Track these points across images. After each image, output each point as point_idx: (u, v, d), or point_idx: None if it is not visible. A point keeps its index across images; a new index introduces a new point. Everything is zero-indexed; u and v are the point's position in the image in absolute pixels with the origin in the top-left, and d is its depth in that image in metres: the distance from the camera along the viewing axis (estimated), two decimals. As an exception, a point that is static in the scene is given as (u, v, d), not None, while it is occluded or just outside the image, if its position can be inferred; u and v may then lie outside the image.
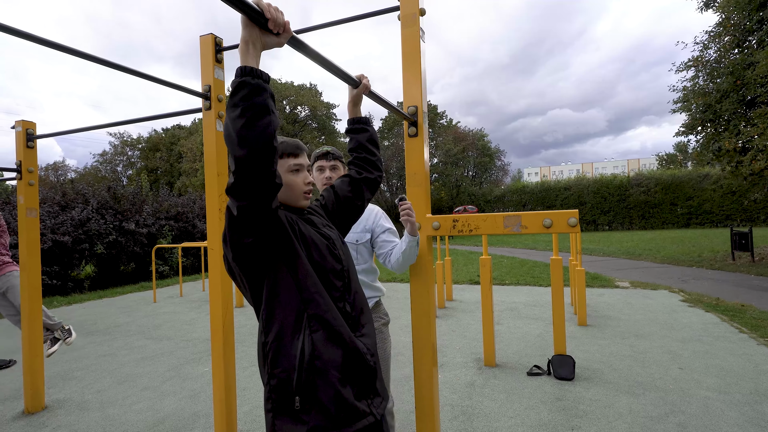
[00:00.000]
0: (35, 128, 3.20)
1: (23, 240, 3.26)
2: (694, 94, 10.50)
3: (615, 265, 11.42)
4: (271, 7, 0.99)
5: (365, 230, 2.11)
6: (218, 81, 2.57)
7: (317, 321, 1.15)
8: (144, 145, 39.86)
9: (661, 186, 27.62)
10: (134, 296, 9.12)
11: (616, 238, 20.19)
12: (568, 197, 30.53)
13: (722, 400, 3.03)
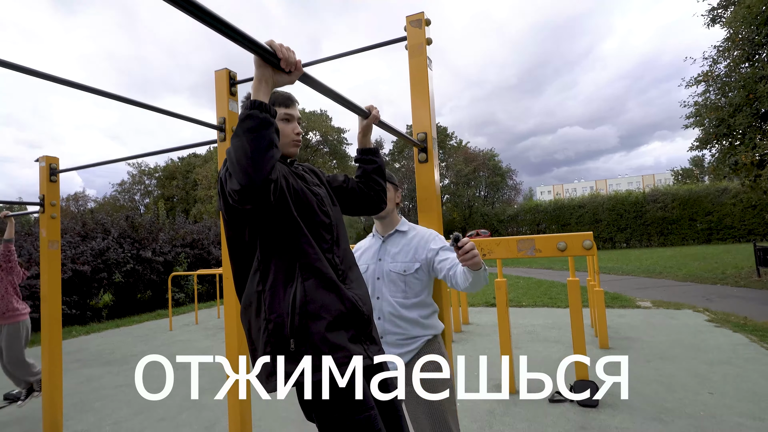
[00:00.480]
0: (58, 163, 3.32)
1: (45, 272, 3.34)
2: (707, 109, 10.43)
3: (635, 284, 11.14)
4: (283, 48, 1.04)
5: (414, 260, 1.83)
6: (232, 113, 2.64)
7: (308, 270, 1.22)
8: (161, 174, 40.87)
9: (679, 201, 27.11)
10: (151, 324, 9.17)
11: (634, 256, 19.76)
12: (582, 215, 30.14)
13: (758, 427, 2.88)
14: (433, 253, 1.82)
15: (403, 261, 1.84)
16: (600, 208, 29.55)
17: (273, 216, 1.21)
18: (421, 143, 2.11)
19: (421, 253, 1.84)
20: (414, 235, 1.91)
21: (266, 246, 1.22)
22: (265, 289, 1.20)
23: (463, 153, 38.50)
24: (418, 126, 2.15)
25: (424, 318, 1.83)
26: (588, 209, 30.02)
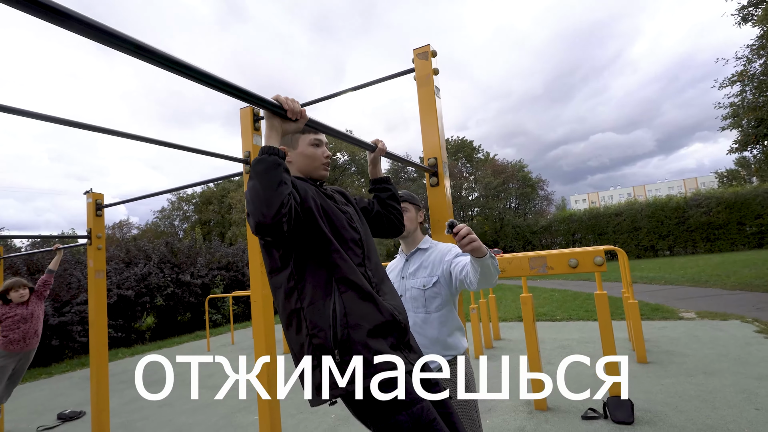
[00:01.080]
0: (103, 199, 3.62)
1: (92, 299, 3.61)
2: (744, 109, 10.01)
3: (679, 293, 10.63)
4: (288, 100, 1.18)
5: (432, 275, 1.88)
6: (256, 147, 2.82)
7: (345, 282, 1.27)
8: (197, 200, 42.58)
9: (724, 205, 25.69)
10: (190, 345, 9.52)
11: (678, 264, 18.82)
12: (620, 223, 29.04)
13: (808, 445, 2.72)
14: (448, 263, 1.84)
15: (423, 276, 1.89)
16: (638, 215, 28.41)
17: (305, 235, 1.28)
18: (432, 168, 2.20)
19: (438, 267, 1.87)
20: (433, 251, 1.95)
21: (300, 265, 1.28)
22: (303, 307, 1.26)
23: (491, 165, 38.15)
24: (428, 152, 2.25)
25: (445, 336, 1.84)
26: (626, 217, 28.93)
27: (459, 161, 41.70)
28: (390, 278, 2.01)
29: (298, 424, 3.89)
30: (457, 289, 1.86)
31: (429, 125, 2.23)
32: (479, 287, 1.67)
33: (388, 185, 1.81)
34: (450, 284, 1.85)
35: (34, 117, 1.76)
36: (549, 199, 40.20)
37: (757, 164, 10.55)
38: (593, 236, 30.20)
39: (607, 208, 31.06)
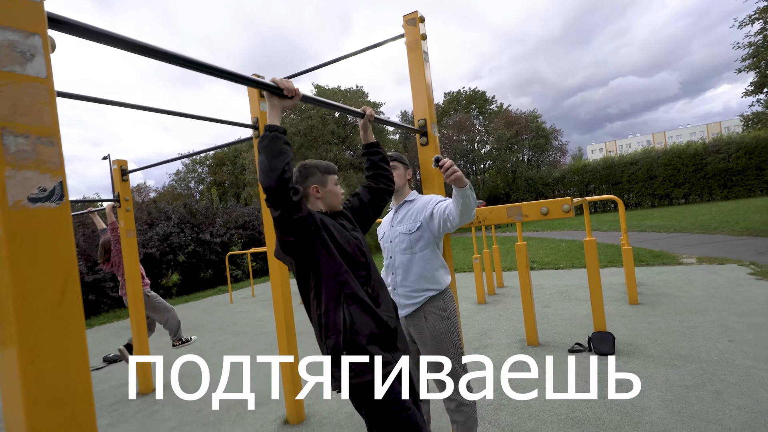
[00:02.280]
0: (127, 165, 3.93)
1: (126, 256, 4.02)
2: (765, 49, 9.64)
3: (685, 240, 10.77)
4: (284, 81, 1.41)
5: (416, 221, 2.15)
6: (263, 112, 3.05)
7: (351, 298, 1.59)
8: (211, 162, 43.02)
9: (744, 150, 25.02)
10: (214, 299, 10.20)
11: (691, 212, 18.74)
12: (635, 172, 28.62)
13: (767, 369, 3.03)
14: (430, 210, 2.12)
15: (408, 222, 2.18)
16: (654, 164, 27.89)
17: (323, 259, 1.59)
18: (422, 128, 2.41)
19: (420, 213, 2.16)
20: (417, 202, 2.24)
21: (318, 278, 1.60)
22: (321, 314, 1.59)
23: (504, 117, 37.31)
24: (418, 113, 2.45)
25: (429, 272, 2.11)
26: (641, 165, 28.43)
27: (471, 113, 40.83)
28: (382, 228, 2.37)
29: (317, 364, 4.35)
30: (439, 230, 2.10)
31: (418, 89, 2.42)
32: (461, 222, 1.93)
33: (378, 149, 2.06)
34: (431, 226, 2.12)
35: (68, 96, 2.02)
36: (563, 150, 39.44)
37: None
38: (607, 186, 29.92)
39: (622, 157, 30.46)
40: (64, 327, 0.73)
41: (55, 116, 0.77)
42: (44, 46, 0.76)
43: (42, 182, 0.73)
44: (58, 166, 0.76)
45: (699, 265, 7.10)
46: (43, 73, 0.75)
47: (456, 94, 42.49)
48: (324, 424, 3.02)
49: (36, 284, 0.71)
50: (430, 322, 2.09)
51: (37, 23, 0.75)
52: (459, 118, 37.07)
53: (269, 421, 3.17)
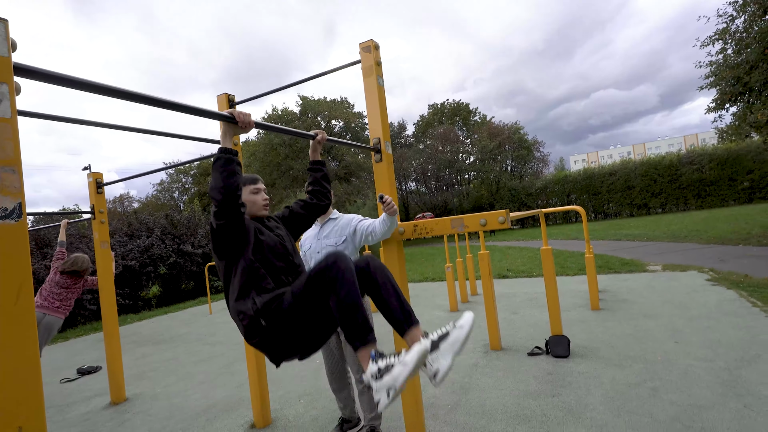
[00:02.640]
0: (102, 178, 4.04)
1: (99, 267, 4.11)
2: (724, 68, 10.18)
3: (656, 249, 11.16)
4: (241, 114, 1.60)
5: (341, 236, 2.62)
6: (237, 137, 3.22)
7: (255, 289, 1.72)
8: (195, 172, 42.76)
9: (716, 161, 25.99)
10: (193, 310, 10.20)
11: (665, 221, 19.35)
12: (614, 182, 29.43)
13: (704, 367, 3.27)
14: (353, 227, 2.60)
15: (334, 237, 2.64)
16: (632, 174, 28.74)
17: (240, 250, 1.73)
18: (376, 146, 2.61)
19: (345, 229, 2.62)
20: (341, 220, 2.68)
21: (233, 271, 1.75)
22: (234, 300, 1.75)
23: (487, 129, 38.02)
24: (373, 133, 2.65)
25: None
26: (619, 176, 29.26)
27: (455, 125, 41.48)
28: (308, 240, 2.74)
29: (286, 370, 4.47)
30: (360, 243, 2.56)
31: (373, 110, 2.62)
32: (381, 237, 2.45)
33: (323, 167, 2.27)
34: (354, 240, 2.60)
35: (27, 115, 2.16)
36: (545, 161, 40.32)
37: (737, 121, 10.81)
38: (587, 196, 30.66)
39: (602, 167, 31.30)
40: (18, 324, 0.89)
41: (17, 149, 0.93)
42: (10, 92, 0.93)
43: (4, 203, 0.89)
44: (18, 190, 0.92)
45: (663, 272, 7.42)
46: (8, 114, 0.92)
47: (440, 106, 43.17)
48: (289, 427, 3.14)
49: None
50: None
51: (5, 74, 0.92)
52: (443, 130, 37.64)
53: (237, 425, 3.28)
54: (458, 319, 1.60)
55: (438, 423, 2.89)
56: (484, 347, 4.40)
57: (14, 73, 0.95)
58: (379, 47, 2.65)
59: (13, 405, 0.86)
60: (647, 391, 2.99)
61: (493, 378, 3.56)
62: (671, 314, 4.77)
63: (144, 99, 1.26)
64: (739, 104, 9.84)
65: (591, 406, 2.87)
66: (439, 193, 37.80)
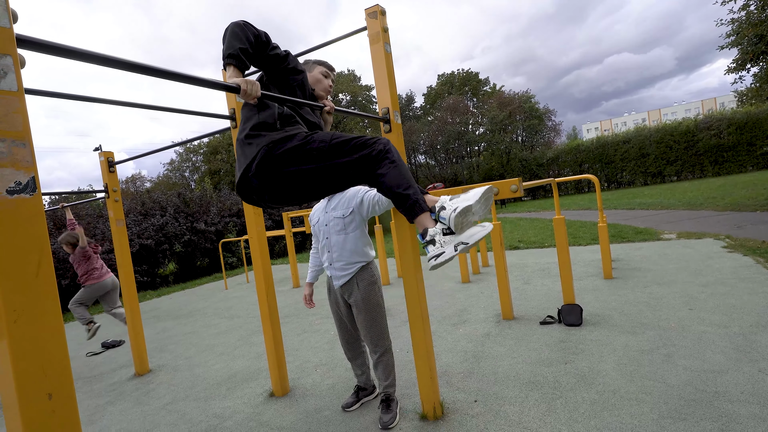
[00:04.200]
0: (113, 156, 4.06)
1: (116, 245, 4.19)
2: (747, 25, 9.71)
3: (671, 217, 10.99)
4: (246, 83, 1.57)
5: (348, 207, 2.62)
6: (239, 104, 3.19)
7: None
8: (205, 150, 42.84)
9: (735, 126, 25.16)
10: (209, 285, 10.43)
11: (681, 189, 18.97)
12: (628, 150, 28.76)
13: (718, 333, 3.26)
14: (360, 198, 2.61)
15: (341, 209, 2.65)
16: (646, 142, 28.03)
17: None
18: (384, 116, 2.56)
19: (352, 200, 2.63)
20: (347, 192, 2.69)
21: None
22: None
23: (497, 98, 37.18)
24: (382, 102, 2.60)
25: (359, 248, 2.61)
26: (633, 144, 28.57)
27: (465, 96, 40.63)
28: (316, 214, 2.79)
29: (303, 341, 4.58)
30: (368, 213, 2.58)
31: (381, 79, 2.56)
32: (388, 206, 2.49)
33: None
34: (361, 211, 2.61)
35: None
36: (557, 130, 39.46)
37: (758, 82, 10.39)
38: (600, 166, 30.09)
39: (615, 135, 30.54)
40: (41, 294, 0.90)
41: (26, 122, 0.93)
42: (15, 64, 0.91)
43: (18, 177, 0.90)
44: (30, 164, 0.92)
45: (677, 240, 7.32)
46: (15, 87, 0.91)
47: (449, 75, 42.23)
48: (307, 395, 3.24)
49: (16, 260, 0.88)
50: (360, 288, 2.58)
51: (8, 45, 0.90)
52: (452, 101, 36.92)
53: (256, 394, 3.39)
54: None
55: (451, 390, 2.95)
56: (497, 317, 4.43)
57: (17, 45, 0.94)
58: (386, 13, 2.56)
59: (41, 373, 0.89)
60: (660, 357, 3.00)
61: (506, 347, 3.60)
62: (685, 281, 4.73)
63: (149, 70, 1.23)
64: (761, 64, 9.42)
65: (603, 372, 2.90)
66: (449, 165, 37.44)
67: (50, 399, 0.90)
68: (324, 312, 5.68)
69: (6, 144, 0.88)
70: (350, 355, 2.88)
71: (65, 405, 0.92)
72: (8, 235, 0.87)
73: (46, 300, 0.91)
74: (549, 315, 4.16)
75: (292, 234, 9.19)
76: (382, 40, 2.53)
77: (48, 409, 0.89)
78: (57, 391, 0.91)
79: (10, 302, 0.86)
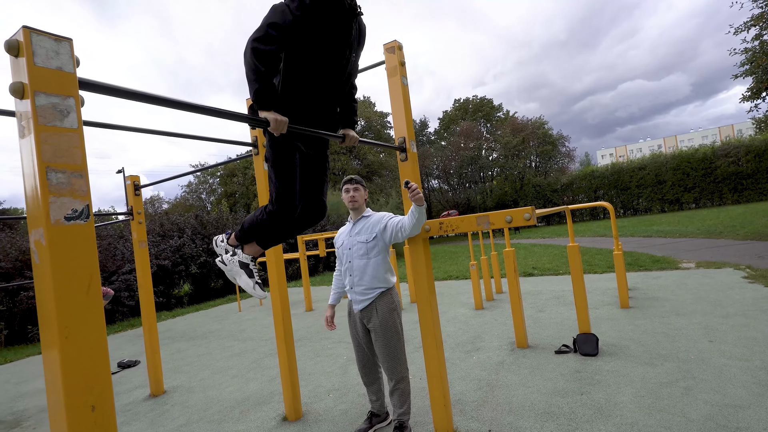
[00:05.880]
0: (140, 180, 4.24)
1: (138, 266, 4.32)
2: (761, 54, 9.75)
3: (689, 245, 10.80)
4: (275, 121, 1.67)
5: (372, 233, 2.68)
6: (260, 132, 3.33)
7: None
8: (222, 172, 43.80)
9: (754, 153, 24.81)
10: (223, 307, 10.51)
11: (699, 217, 18.64)
12: (643, 177, 28.49)
13: (740, 366, 3.18)
14: (384, 224, 2.67)
15: (365, 234, 2.72)
16: (663, 168, 27.77)
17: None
18: (401, 145, 2.66)
19: (375, 226, 2.70)
20: (372, 218, 2.77)
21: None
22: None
23: (510, 124, 37.49)
24: (398, 132, 2.70)
25: (380, 273, 2.65)
26: (649, 170, 28.30)
27: (479, 122, 41.06)
28: (341, 237, 2.87)
29: (315, 366, 4.59)
30: (391, 239, 2.62)
31: (398, 110, 2.68)
32: (410, 233, 2.51)
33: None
34: (384, 237, 2.66)
35: (88, 125, 2.30)
36: (571, 156, 39.40)
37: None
38: (616, 192, 29.81)
39: (631, 162, 30.36)
40: (89, 311, 0.99)
41: (83, 156, 1.03)
42: (76, 105, 1.03)
43: (74, 205, 0.99)
44: (86, 193, 1.02)
45: (696, 269, 7.19)
46: (75, 125, 1.02)
47: (464, 101, 42.92)
48: (320, 420, 3.24)
49: (69, 280, 0.97)
50: (380, 313, 2.61)
51: (72, 88, 1.02)
52: (466, 126, 37.33)
53: (270, 418, 3.40)
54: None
55: (465, 419, 2.92)
56: (511, 345, 4.39)
57: (79, 87, 1.05)
58: (403, 47, 2.70)
59: (86, 386, 0.96)
60: (680, 390, 2.94)
61: (520, 375, 3.56)
62: (705, 312, 4.64)
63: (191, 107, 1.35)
64: (778, 93, 9.41)
65: (621, 404, 2.85)
66: (462, 190, 37.51)
67: (93, 411, 0.96)
68: (337, 336, 5.69)
69: (66, 175, 0.99)
70: (366, 380, 2.89)
71: (106, 417, 0.98)
72: (64, 257, 0.96)
73: (94, 317, 0.99)
74: (564, 344, 4.11)
75: (306, 257, 9.28)
76: (399, 73, 2.66)
77: (91, 420, 0.96)
78: (99, 404, 0.98)
79: (63, 319, 0.94)
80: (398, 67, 2.65)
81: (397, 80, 2.66)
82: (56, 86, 0.99)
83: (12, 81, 0.97)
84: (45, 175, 0.95)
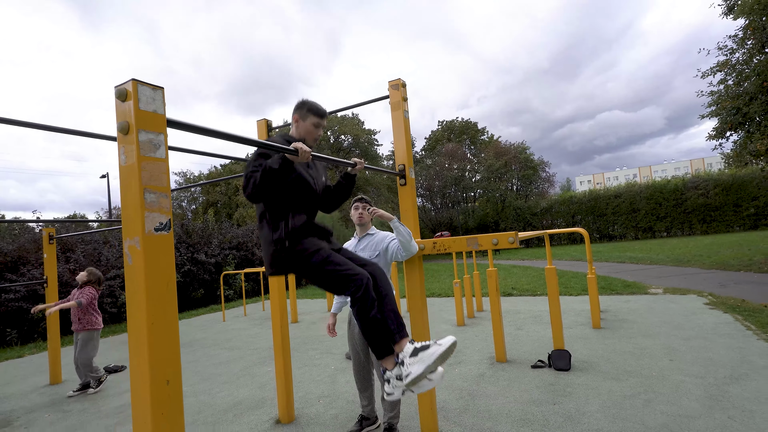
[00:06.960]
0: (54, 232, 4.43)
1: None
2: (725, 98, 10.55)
3: (659, 272, 11.38)
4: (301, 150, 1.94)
5: (375, 250, 2.92)
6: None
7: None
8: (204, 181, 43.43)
9: (721, 187, 26.20)
10: (206, 317, 10.50)
11: (670, 245, 19.52)
12: (619, 204, 29.64)
13: (695, 383, 3.54)
14: (386, 245, 2.94)
15: (370, 251, 2.91)
16: (637, 197, 28.96)
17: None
18: (401, 172, 2.97)
19: (379, 245, 2.95)
20: (376, 236, 3.02)
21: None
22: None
23: (494, 148, 38.55)
24: (399, 160, 3.01)
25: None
26: (624, 199, 29.48)
27: (463, 143, 42.09)
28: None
29: (304, 374, 4.76)
30: (391, 259, 2.90)
31: (399, 140, 2.99)
32: (407, 254, 2.74)
33: (352, 182, 2.48)
34: (386, 255, 2.92)
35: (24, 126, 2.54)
36: (551, 181, 40.61)
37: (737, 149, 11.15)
38: (593, 218, 30.85)
39: (607, 189, 31.56)
40: (167, 304, 1.23)
41: (168, 180, 1.29)
42: (165, 140, 1.29)
43: (161, 219, 1.25)
44: (168, 209, 1.28)
45: (664, 294, 7.66)
46: (164, 156, 1.28)
47: (450, 123, 44.04)
48: (312, 423, 3.43)
49: (156, 278, 1.21)
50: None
51: (162, 127, 1.28)
52: (451, 147, 38.21)
53: (263, 420, 3.57)
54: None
55: (449, 423, 3.17)
56: (490, 359, 4.67)
57: (167, 125, 1.32)
58: (406, 85, 3.03)
59: (163, 364, 1.20)
60: (641, 402, 3.26)
61: (499, 387, 3.84)
62: (668, 334, 5.03)
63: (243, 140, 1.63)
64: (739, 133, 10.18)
65: (589, 413, 3.15)
66: (445, 210, 38.13)
67: (168, 384, 1.20)
68: (323, 347, 5.87)
69: (157, 195, 1.24)
70: (360, 386, 3.11)
71: (177, 390, 1.22)
72: (153, 260, 1.21)
73: (171, 309, 1.24)
74: (540, 359, 4.41)
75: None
76: (401, 108, 2.98)
77: (166, 392, 1.20)
78: (173, 378, 1.22)
79: (151, 310, 1.19)
80: (401, 102, 2.97)
81: (399, 113, 2.98)
82: (152, 125, 1.25)
83: (118, 120, 1.23)
84: (143, 195, 1.21)
